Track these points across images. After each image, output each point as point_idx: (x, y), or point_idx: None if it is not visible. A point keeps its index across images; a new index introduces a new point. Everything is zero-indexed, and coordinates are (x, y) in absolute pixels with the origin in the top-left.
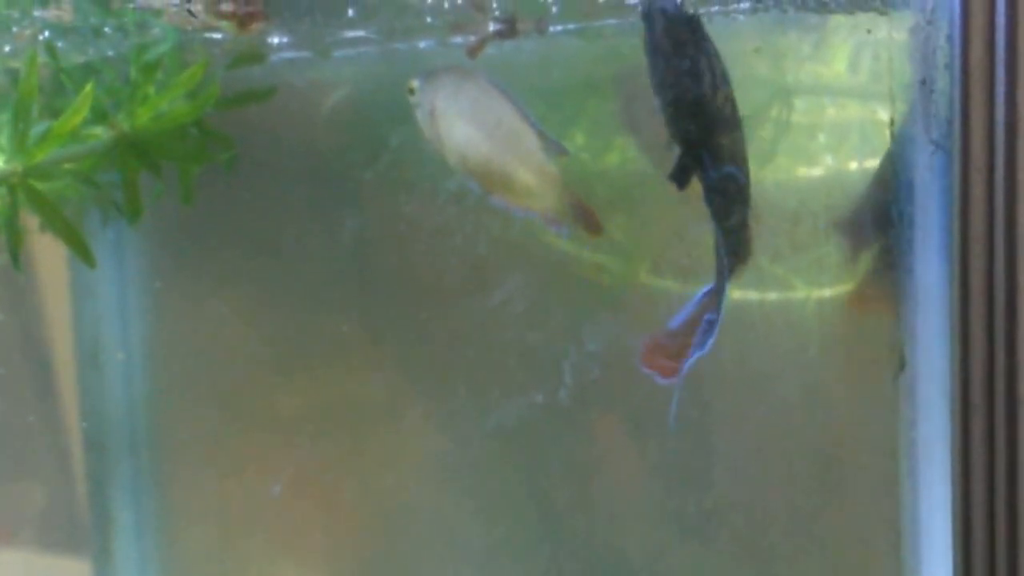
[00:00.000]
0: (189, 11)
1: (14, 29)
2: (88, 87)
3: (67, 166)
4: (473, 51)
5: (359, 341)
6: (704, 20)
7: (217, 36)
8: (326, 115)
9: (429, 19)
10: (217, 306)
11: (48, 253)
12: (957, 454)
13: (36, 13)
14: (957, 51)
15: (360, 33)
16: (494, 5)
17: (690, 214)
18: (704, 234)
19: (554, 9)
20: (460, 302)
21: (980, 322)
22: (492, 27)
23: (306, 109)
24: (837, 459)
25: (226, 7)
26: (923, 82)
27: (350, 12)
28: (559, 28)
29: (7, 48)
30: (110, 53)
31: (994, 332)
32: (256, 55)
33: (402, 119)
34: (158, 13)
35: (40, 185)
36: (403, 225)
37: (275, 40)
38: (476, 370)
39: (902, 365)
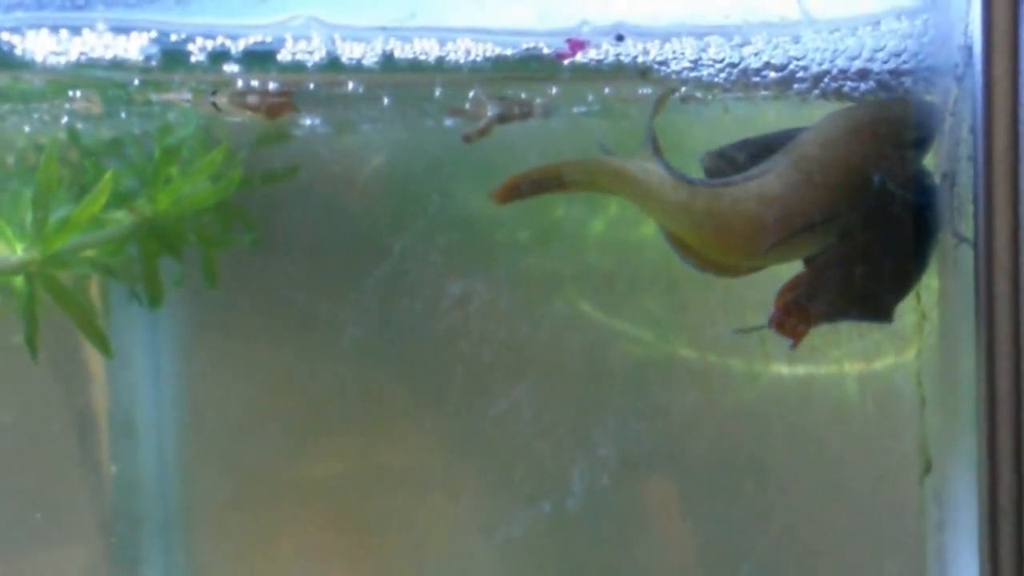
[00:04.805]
0: (214, 104)
1: (35, 116)
2: (108, 173)
3: (86, 253)
4: (470, 137)
5: (397, 414)
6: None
7: (237, 119)
8: (358, 184)
9: (467, 106)
10: (252, 376)
11: None
12: (985, 558)
13: (66, 105)
14: (980, 143)
15: (386, 114)
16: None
17: (728, 286)
18: (740, 306)
19: (607, 90)
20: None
21: (1008, 423)
22: (491, 112)
23: (334, 178)
24: (863, 561)
25: (252, 99)
26: (945, 175)
27: (385, 101)
28: (583, 109)
29: (27, 128)
30: (136, 131)
31: (1022, 434)
32: (282, 135)
33: (432, 186)
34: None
35: (59, 272)
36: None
37: (296, 124)
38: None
39: (928, 467)
